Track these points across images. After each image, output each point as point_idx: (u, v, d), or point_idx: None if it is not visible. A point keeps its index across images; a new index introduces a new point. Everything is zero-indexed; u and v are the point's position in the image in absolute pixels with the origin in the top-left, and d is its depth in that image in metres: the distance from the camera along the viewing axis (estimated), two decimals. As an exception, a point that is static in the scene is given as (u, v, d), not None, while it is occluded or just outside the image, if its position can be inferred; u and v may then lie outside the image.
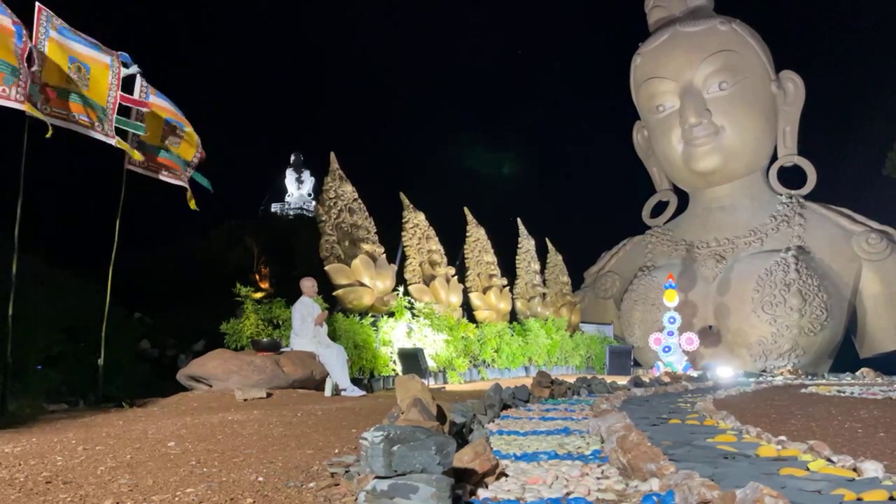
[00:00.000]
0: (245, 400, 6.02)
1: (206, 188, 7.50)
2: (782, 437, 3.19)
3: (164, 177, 7.14)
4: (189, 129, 7.20)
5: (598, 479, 2.39)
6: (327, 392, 7.39)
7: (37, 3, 5.61)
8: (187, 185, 7.31)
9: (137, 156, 6.64)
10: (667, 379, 10.26)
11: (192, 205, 7.31)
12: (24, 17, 5.43)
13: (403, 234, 12.42)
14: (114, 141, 6.18)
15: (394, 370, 9.90)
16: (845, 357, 17.45)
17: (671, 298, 15.46)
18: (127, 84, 6.41)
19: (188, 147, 7.26)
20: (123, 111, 6.42)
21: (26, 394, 5.44)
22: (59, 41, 5.75)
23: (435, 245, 12.82)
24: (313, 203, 38.97)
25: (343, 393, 7.54)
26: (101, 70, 6.08)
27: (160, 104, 6.94)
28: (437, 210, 13.38)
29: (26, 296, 5.56)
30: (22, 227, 5.32)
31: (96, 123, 5.99)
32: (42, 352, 6.06)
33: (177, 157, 7.20)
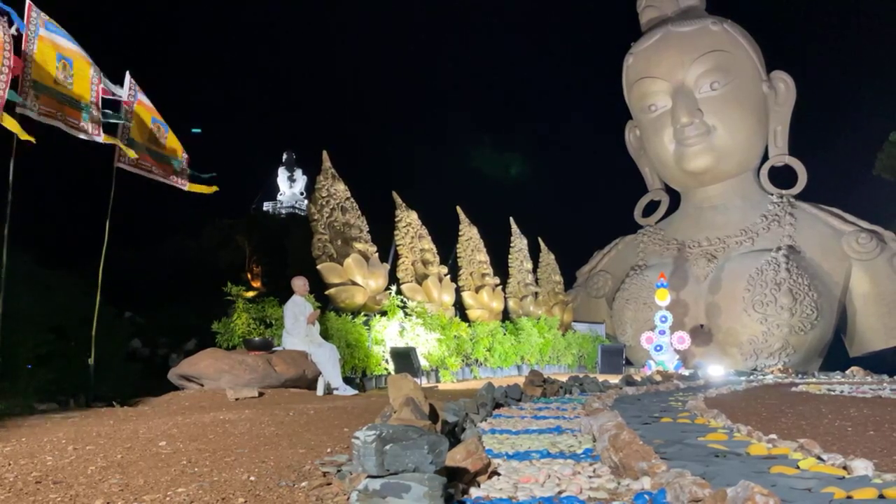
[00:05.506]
0: (237, 399, 6.00)
1: (207, 187, 7.51)
2: (773, 436, 3.21)
3: (156, 175, 7.08)
4: (170, 132, 7.17)
5: (590, 477, 2.40)
6: (319, 391, 7.37)
7: (27, 0, 5.56)
8: (181, 185, 7.26)
9: (132, 153, 6.56)
10: (658, 378, 10.29)
11: (209, 190, 7.45)
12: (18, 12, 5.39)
13: (396, 233, 12.41)
14: (101, 137, 6.12)
15: (386, 369, 9.89)
16: (835, 356, 17.56)
17: (663, 297, 15.50)
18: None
19: (174, 147, 7.23)
20: (108, 106, 6.37)
21: (16, 393, 5.40)
22: (47, 38, 5.70)
23: (427, 244, 12.81)
24: (305, 202, 38.89)
25: (335, 392, 7.53)
26: (83, 64, 6.03)
27: (147, 104, 6.91)
28: (430, 209, 13.39)
29: (16, 294, 5.53)
30: (12, 225, 5.28)
31: (82, 123, 5.93)
32: (32, 351, 6.01)
33: (166, 157, 7.15)
